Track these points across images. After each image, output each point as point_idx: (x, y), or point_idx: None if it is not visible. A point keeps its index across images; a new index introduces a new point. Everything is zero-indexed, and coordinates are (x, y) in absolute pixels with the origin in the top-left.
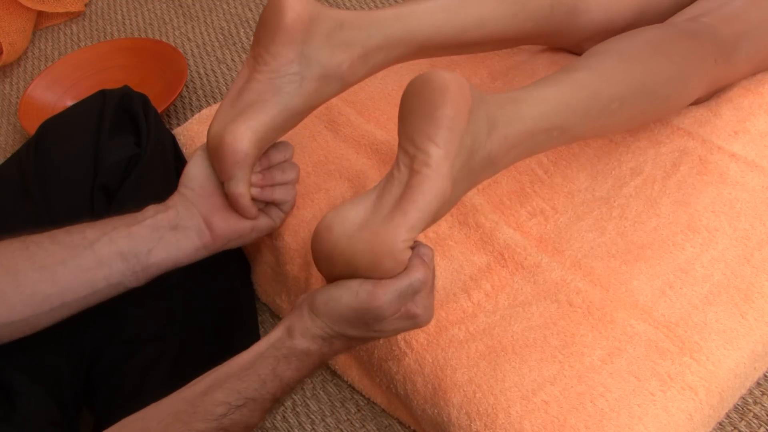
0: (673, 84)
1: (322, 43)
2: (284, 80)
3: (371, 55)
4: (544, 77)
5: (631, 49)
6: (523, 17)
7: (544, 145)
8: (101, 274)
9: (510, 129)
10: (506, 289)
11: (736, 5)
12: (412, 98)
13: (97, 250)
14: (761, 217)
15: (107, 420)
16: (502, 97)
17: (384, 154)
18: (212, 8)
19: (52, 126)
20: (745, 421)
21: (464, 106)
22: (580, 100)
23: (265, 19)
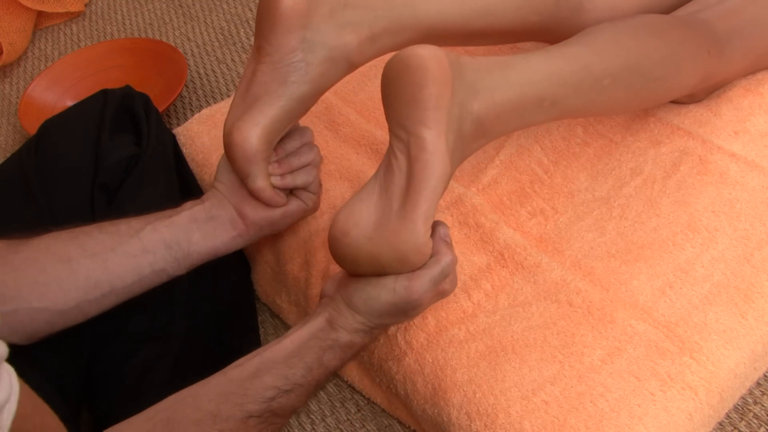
0: (667, 66)
1: (325, 24)
2: (289, 69)
3: (378, 38)
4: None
5: (626, 28)
6: (529, 10)
7: (536, 116)
8: (147, 260)
9: (497, 93)
10: (506, 289)
11: (733, 2)
12: (393, 82)
13: (143, 237)
14: (761, 217)
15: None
16: (489, 59)
17: (382, 154)
18: (212, 8)
19: (53, 125)
20: (745, 421)
21: (446, 81)
22: (572, 73)
23: (263, 10)
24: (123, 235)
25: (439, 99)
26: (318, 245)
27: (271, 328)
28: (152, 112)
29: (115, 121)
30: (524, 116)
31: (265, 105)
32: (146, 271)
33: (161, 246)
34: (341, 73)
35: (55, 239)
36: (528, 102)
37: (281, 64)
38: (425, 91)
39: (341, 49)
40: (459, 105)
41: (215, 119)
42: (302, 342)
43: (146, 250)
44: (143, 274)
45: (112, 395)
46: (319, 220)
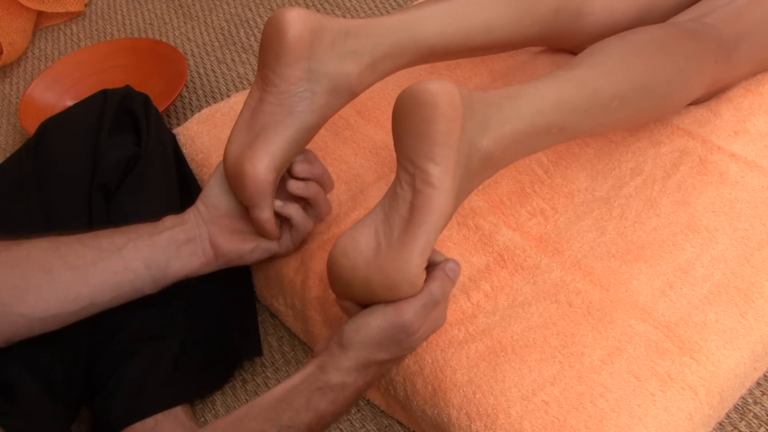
0: (674, 83)
1: (327, 54)
2: (295, 99)
3: (379, 63)
4: (544, 74)
5: (633, 47)
6: (529, 22)
7: (543, 143)
8: (127, 278)
9: (507, 127)
10: (506, 289)
11: (739, 4)
12: (403, 116)
13: (124, 255)
14: (761, 217)
15: (107, 419)
16: (499, 93)
17: (383, 158)
18: (212, 8)
19: (52, 125)
20: (745, 421)
21: (456, 118)
22: (580, 98)
23: (267, 40)
24: (104, 251)
25: (448, 136)
26: (314, 249)
27: (271, 328)
28: (152, 112)
29: (115, 121)
30: (532, 145)
31: (274, 135)
32: (125, 289)
33: (141, 266)
34: (344, 102)
35: (36, 247)
36: (537, 132)
37: (288, 94)
38: (434, 127)
39: (343, 79)
40: (468, 142)
41: (215, 119)
42: (292, 387)
43: (127, 269)
44: (122, 290)
45: (112, 395)
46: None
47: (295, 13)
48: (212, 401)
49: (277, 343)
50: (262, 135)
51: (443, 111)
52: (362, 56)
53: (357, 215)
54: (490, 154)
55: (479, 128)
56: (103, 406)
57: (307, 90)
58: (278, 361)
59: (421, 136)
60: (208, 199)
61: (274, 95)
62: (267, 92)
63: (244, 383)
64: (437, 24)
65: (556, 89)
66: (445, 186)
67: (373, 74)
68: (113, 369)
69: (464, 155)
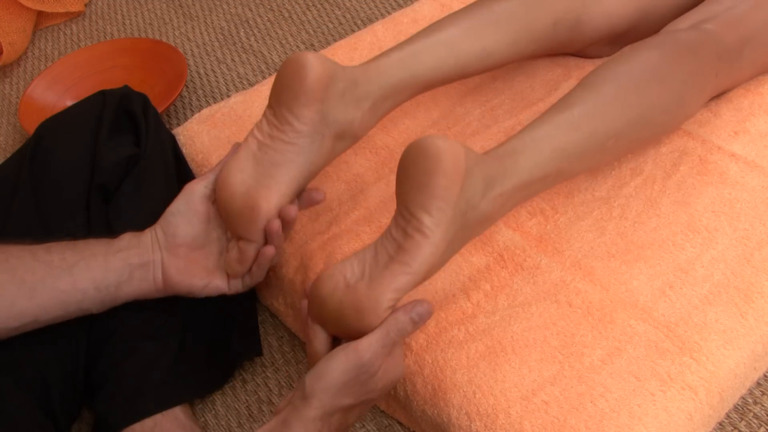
0: (671, 110)
1: (338, 101)
2: (307, 140)
3: (379, 106)
4: (540, 117)
5: (628, 80)
6: (527, 41)
7: (539, 190)
8: (75, 298)
9: (506, 185)
10: (506, 289)
11: (741, 9)
12: (407, 165)
13: (75, 274)
14: (761, 217)
15: (107, 420)
16: (500, 152)
17: (383, 158)
18: (212, 8)
19: (51, 126)
20: (745, 421)
21: (457, 175)
22: (577, 143)
23: (286, 79)
24: (55, 268)
25: (447, 191)
26: (314, 249)
27: (271, 328)
28: (150, 113)
29: (114, 121)
30: (528, 194)
31: (286, 173)
32: (72, 309)
33: (91, 287)
34: (347, 146)
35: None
36: (534, 183)
37: (301, 134)
38: (435, 180)
39: (348, 126)
40: (466, 200)
41: (215, 119)
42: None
43: (76, 288)
44: (68, 310)
45: (112, 395)
46: (315, 223)
47: (314, 57)
48: (212, 401)
49: (277, 343)
50: (273, 172)
51: (445, 167)
52: (365, 103)
53: (357, 215)
54: (488, 212)
55: (479, 189)
56: (103, 406)
57: (318, 133)
58: (278, 361)
59: (421, 187)
60: (168, 226)
61: (287, 134)
62: (280, 130)
63: (244, 383)
64: (434, 58)
65: (553, 138)
66: (435, 237)
67: (374, 117)
68: (112, 369)
69: (461, 212)
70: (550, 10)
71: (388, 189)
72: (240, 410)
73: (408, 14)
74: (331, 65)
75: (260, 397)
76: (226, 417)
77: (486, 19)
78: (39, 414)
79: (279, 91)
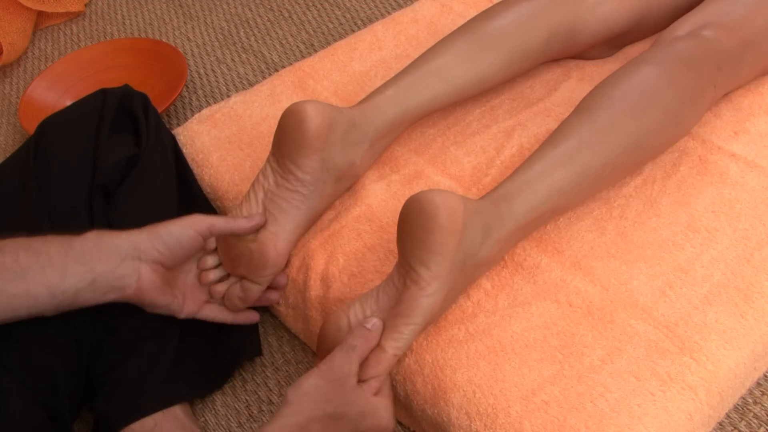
0: (666, 133)
1: (338, 146)
2: (310, 188)
3: (376, 145)
4: (534, 153)
5: (624, 103)
6: (520, 61)
7: (535, 228)
8: (27, 303)
9: (503, 231)
10: (506, 289)
11: (741, 12)
12: (406, 221)
13: (28, 279)
14: (761, 217)
15: (107, 419)
16: (495, 196)
17: (383, 158)
18: (212, 8)
19: (52, 124)
20: (745, 421)
21: (454, 230)
22: (572, 180)
23: (288, 131)
24: (7, 271)
25: (444, 246)
26: (315, 247)
27: (271, 328)
28: (151, 112)
29: (114, 120)
30: (525, 234)
31: (291, 221)
32: (23, 313)
33: (46, 293)
34: (347, 187)
35: None
36: (530, 223)
37: (303, 183)
38: (431, 237)
39: (347, 169)
40: (464, 252)
41: (215, 119)
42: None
43: (28, 294)
44: (19, 314)
45: (111, 394)
46: (316, 222)
47: (313, 107)
48: (212, 401)
49: (277, 343)
50: (280, 219)
51: (442, 224)
52: (363, 144)
53: (358, 212)
54: (487, 257)
55: (477, 238)
56: (103, 405)
57: (320, 180)
58: (278, 361)
59: (419, 243)
60: (158, 241)
61: (291, 183)
62: (285, 179)
63: (244, 383)
64: (429, 89)
65: (547, 177)
66: (432, 288)
67: (372, 156)
68: (112, 368)
69: (459, 262)
70: (544, 25)
71: (389, 188)
72: (240, 410)
73: (408, 14)
74: (329, 113)
75: (260, 397)
76: (226, 417)
77: (479, 43)
78: (42, 417)
79: (281, 142)
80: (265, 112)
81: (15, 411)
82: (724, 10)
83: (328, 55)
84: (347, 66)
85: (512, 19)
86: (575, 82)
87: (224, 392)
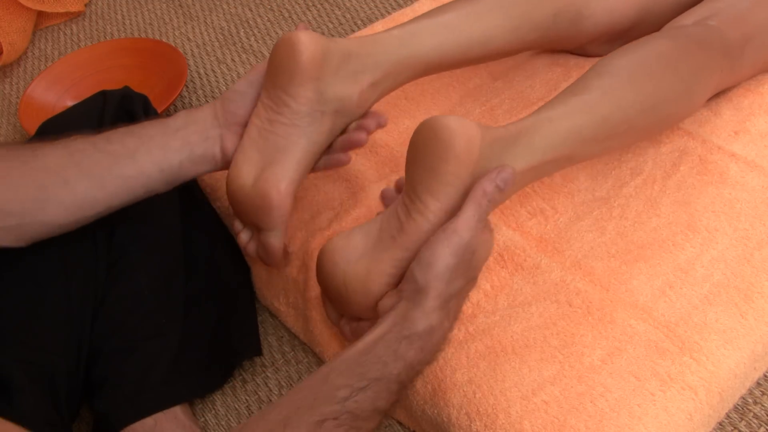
0: (681, 100)
1: (333, 77)
2: (307, 120)
3: (380, 83)
4: (555, 98)
5: (642, 66)
6: (527, 29)
7: (549, 172)
8: (141, 182)
9: (518, 166)
10: (505, 289)
11: (744, 6)
12: (418, 147)
13: (138, 159)
14: (761, 217)
15: (107, 419)
16: (517, 127)
17: (383, 157)
18: (212, 8)
19: (52, 127)
20: (745, 421)
21: (469, 160)
22: (591, 127)
23: (279, 60)
24: (119, 156)
25: (456, 177)
26: (316, 247)
27: (271, 328)
28: (151, 113)
29: (115, 121)
30: (538, 176)
31: (291, 157)
32: (139, 192)
33: (155, 169)
34: (347, 122)
35: (52, 155)
36: (545, 164)
37: (300, 115)
38: (444, 166)
39: (347, 101)
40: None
41: None
42: (375, 340)
43: (141, 173)
44: (137, 194)
45: (112, 394)
46: (316, 221)
47: (305, 35)
48: (212, 401)
49: (277, 343)
50: (278, 157)
51: (457, 152)
52: (363, 77)
53: (358, 213)
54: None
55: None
56: (103, 405)
57: (317, 111)
58: (278, 361)
59: (430, 171)
60: (229, 104)
61: (287, 116)
62: (279, 113)
63: (244, 383)
64: (435, 38)
65: (568, 120)
66: (437, 220)
67: (374, 93)
68: (113, 368)
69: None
70: (551, 1)
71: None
72: (240, 410)
73: (408, 14)
74: (323, 41)
75: (260, 397)
76: (226, 417)
77: (487, 5)
78: (52, 412)
79: (273, 73)
80: None
81: (28, 407)
82: (728, 3)
83: None
84: None
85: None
86: None
87: (224, 392)
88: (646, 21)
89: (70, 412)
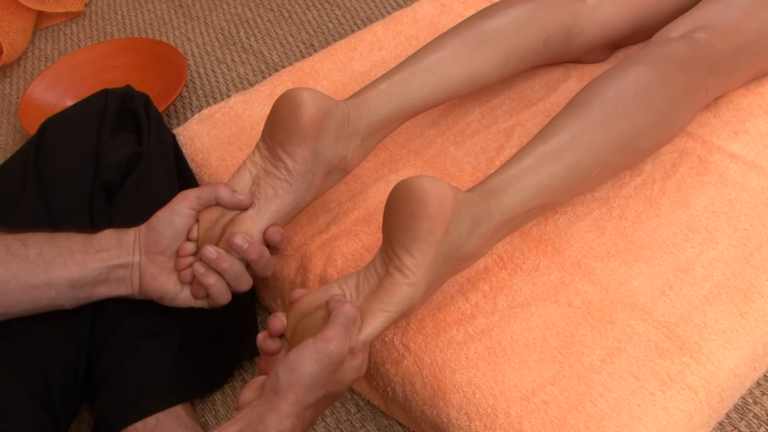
0: (657, 134)
1: (330, 140)
2: (299, 179)
3: (369, 140)
4: (524, 148)
5: (617, 101)
6: (516, 61)
7: (521, 224)
8: (48, 294)
9: (490, 224)
10: (505, 290)
11: (734, 16)
12: (394, 205)
13: (51, 271)
14: (761, 217)
15: (108, 419)
16: (483, 189)
17: (382, 159)
18: (212, 8)
19: (53, 125)
20: (745, 421)
21: (442, 220)
22: (561, 176)
23: (282, 117)
24: (31, 263)
25: (430, 234)
26: (313, 250)
27: None
28: (152, 112)
29: (116, 120)
30: (511, 230)
31: (274, 209)
32: (44, 304)
33: (66, 285)
34: (335, 182)
35: None
36: (517, 218)
37: (293, 173)
38: (418, 224)
39: (338, 162)
40: (450, 243)
41: (215, 119)
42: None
43: (50, 285)
44: (41, 305)
45: (112, 394)
46: (314, 224)
47: (309, 95)
48: (212, 401)
49: None
50: (262, 204)
51: (430, 211)
52: (355, 138)
53: (356, 216)
54: (472, 251)
55: (464, 230)
56: (104, 405)
57: (310, 171)
58: None
59: (405, 229)
60: (152, 232)
61: (281, 171)
62: (275, 167)
63: (244, 383)
64: (423, 86)
65: (536, 173)
66: (415, 277)
67: (364, 152)
68: (113, 368)
69: (444, 253)
70: (540, 27)
71: (387, 189)
72: None
73: (408, 14)
74: (325, 103)
75: None
76: (226, 417)
77: (475, 41)
78: (40, 410)
79: (273, 127)
80: (265, 112)
81: (15, 403)
82: (717, 13)
83: (328, 55)
84: (347, 66)
85: (509, 19)
86: (575, 83)
87: (224, 392)
88: (639, 31)
89: (66, 411)
